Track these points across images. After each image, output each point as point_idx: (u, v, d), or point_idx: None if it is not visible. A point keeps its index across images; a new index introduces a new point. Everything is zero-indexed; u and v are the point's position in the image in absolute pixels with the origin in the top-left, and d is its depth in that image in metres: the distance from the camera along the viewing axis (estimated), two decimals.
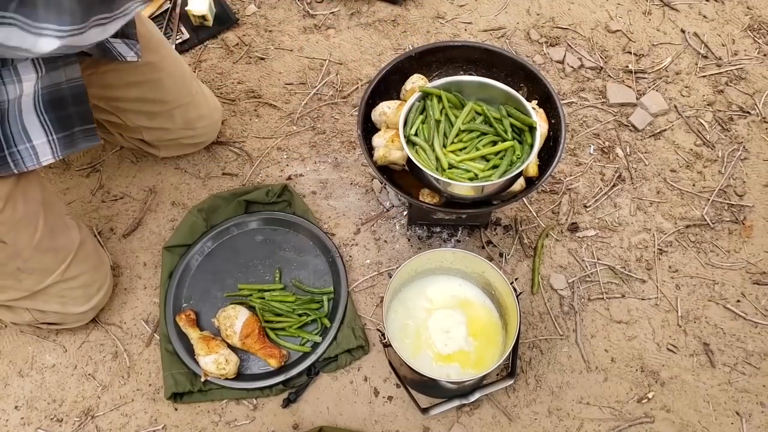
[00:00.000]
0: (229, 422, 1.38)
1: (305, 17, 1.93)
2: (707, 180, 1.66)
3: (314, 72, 1.83)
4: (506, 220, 1.60)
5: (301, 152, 1.71)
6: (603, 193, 1.64)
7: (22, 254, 1.22)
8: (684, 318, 1.48)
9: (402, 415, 1.38)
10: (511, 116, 1.28)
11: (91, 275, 1.38)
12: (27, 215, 1.20)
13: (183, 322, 1.43)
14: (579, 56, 1.84)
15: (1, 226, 1.16)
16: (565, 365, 1.43)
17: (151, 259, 1.57)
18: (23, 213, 1.19)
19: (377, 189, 1.65)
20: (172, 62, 1.44)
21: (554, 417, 1.38)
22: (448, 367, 1.29)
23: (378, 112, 1.37)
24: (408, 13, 1.92)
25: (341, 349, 1.41)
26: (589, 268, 1.54)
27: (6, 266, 1.22)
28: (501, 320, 1.34)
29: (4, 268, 1.22)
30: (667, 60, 1.83)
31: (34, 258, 1.24)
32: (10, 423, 1.39)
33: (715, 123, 1.74)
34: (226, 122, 1.75)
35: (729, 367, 1.43)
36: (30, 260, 1.23)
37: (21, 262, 1.22)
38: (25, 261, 1.22)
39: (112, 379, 1.43)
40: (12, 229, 1.18)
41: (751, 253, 1.56)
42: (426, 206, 1.33)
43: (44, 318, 1.36)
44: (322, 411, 1.39)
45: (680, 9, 1.93)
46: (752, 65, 1.82)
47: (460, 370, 1.29)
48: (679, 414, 1.38)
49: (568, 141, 1.71)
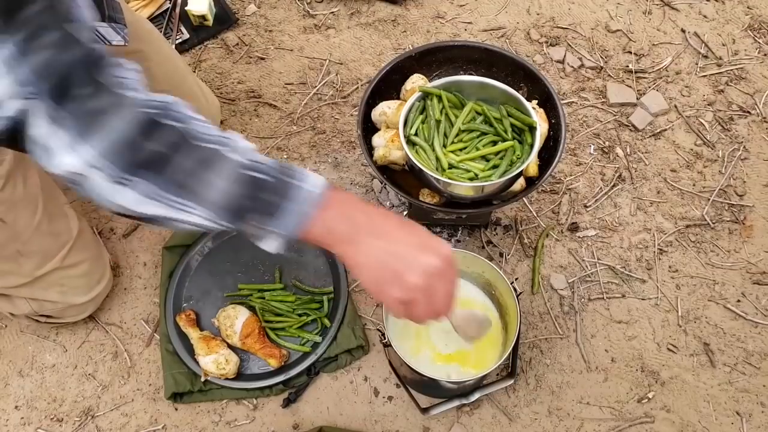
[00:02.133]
0: (229, 422, 1.38)
1: (305, 17, 1.93)
2: (707, 180, 1.65)
3: (314, 72, 1.83)
4: (506, 220, 1.60)
5: (301, 152, 1.71)
6: (603, 193, 1.64)
7: (22, 236, 1.22)
8: (684, 318, 1.48)
9: (402, 415, 1.38)
10: (511, 116, 1.28)
11: (91, 265, 1.38)
12: (27, 196, 1.21)
13: (183, 322, 1.43)
14: (579, 56, 1.84)
15: (1, 205, 1.16)
16: (565, 365, 1.43)
17: (151, 259, 1.57)
18: (23, 194, 1.19)
19: (377, 189, 1.65)
20: (164, 54, 1.42)
21: (554, 417, 1.38)
22: (448, 367, 1.29)
23: (378, 112, 1.37)
24: (408, 13, 1.92)
25: (341, 349, 1.41)
26: (590, 268, 1.54)
27: (5, 248, 1.22)
28: (501, 320, 1.34)
29: (3, 250, 1.22)
30: (667, 60, 1.83)
31: (33, 240, 1.24)
32: (10, 423, 1.39)
33: (716, 123, 1.74)
34: (226, 122, 1.75)
35: (729, 367, 1.43)
36: (29, 242, 1.23)
37: (20, 244, 1.22)
38: (24, 243, 1.23)
39: (112, 379, 1.43)
40: (11, 209, 1.18)
41: (752, 253, 1.56)
42: (426, 206, 1.33)
43: (42, 309, 1.36)
44: (322, 411, 1.39)
45: (680, 9, 1.93)
46: (752, 65, 1.82)
47: (460, 370, 1.29)
48: (680, 414, 1.38)
49: (568, 141, 1.71)
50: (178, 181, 0.75)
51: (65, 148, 0.71)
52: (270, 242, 0.83)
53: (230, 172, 0.78)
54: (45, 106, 0.70)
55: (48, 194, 1.26)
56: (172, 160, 0.75)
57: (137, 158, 0.73)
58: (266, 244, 0.83)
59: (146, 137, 0.74)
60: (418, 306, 0.85)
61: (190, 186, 0.76)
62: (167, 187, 0.75)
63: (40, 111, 0.70)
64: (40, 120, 0.70)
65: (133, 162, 0.73)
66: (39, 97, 0.69)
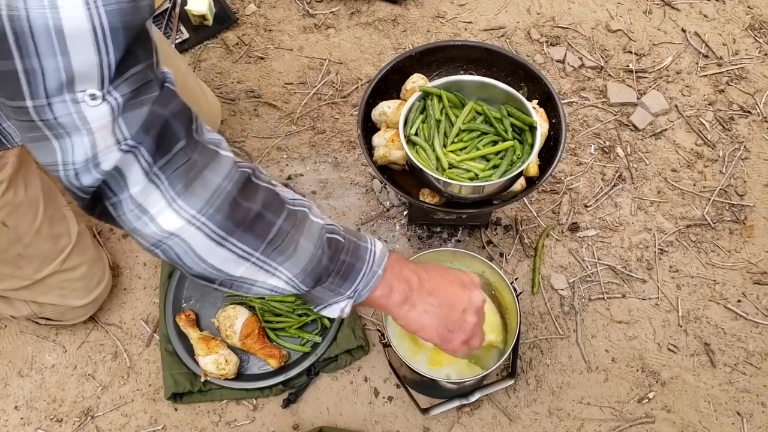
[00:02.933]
0: (229, 422, 1.38)
1: (305, 17, 1.93)
2: (708, 180, 1.65)
3: (314, 71, 1.83)
4: (506, 220, 1.60)
5: (301, 152, 1.70)
6: (603, 193, 1.63)
7: (23, 239, 1.22)
8: (685, 318, 1.48)
9: (402, 415, 1.38)
10: (511, 116, 1.27)
11: (90, 267, 1.38)
12: (29, 199, 1.21)
13: (183, 323, 1.42)
14: (579, 56, 1.83)
15: (3, 209, 1.17)
16: (566, 365, 1.43)
17: (151, 259, 1.57)
18: (24, 197, 1.20)
19: (377, 189, 1.65)
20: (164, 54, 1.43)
21: (555, 417, 1.37)
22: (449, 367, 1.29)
23: (378, 112, 1.37)
24: (408, 13, 1.92)
25: (341, 350, 1.41)
26: (590, 268, 1.54)
27: (7, 252, 1.22)
28: (501, 320, 1.34)
29: (4, 254, 1.22)
30: (667, 59, 1.83)
31: (34, 244, 1.24)
32: (9, 423, 1.39)
33: (716, 122, 1.73)
34: (226, 122, 1.75)
35: (730, 367, 1.43)
36: (30, 246, 1.23)
37: (21, 247, 1.22)
38: (25, 247, 1.23)
39: (112, 379, 1.43)
40: (13, 212, 1.19)
41: (752, 253, 1.56)
42: (426, 206, 1.33)
43: (43, 312, 1.36)
44: (322, 411, 1.39)
45: (681, 8, 1.92)
46: (753, 65, 1.82)
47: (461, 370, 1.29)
48: (680, 414, 1.38)
49: (569, 141, 1.71)
50: (272, 242, 0.76)
51: (164, 205, 0.70)
52: (335, 307, 0.86)
53: (317, 235, 0.81)
54: (143, 163, 0.68)
55: (48, 196, 1.27)
56: (269, 220, 0.76)
57: (237, 216, 0.73)
58: (330, 310, 0.87)
59: (245, 196, 0.74)
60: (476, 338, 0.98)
61: (283, 247, 0.77)
62: (261, 247, 0.76)
63: (137, 167, 0.68)
64: (136, 176, 0.68)
65: (232, 220, 0.73)
66: (138, 151, 0.67)
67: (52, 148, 0.66)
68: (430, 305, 0.91)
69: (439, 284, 0.93)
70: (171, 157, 0.70)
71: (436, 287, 0.93)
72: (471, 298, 0.95)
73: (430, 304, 0.91)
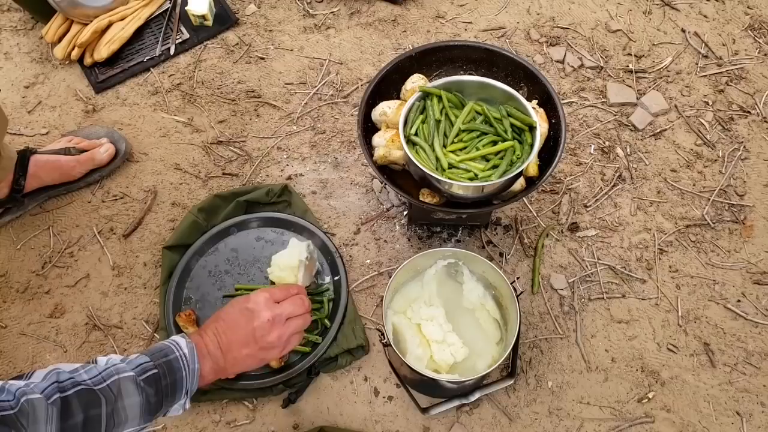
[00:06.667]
0: (229, 422, 1.38)
1: (305, 17, 1.93)
2: (708, 180, 1.65)
3: (314, 72, 1.83)
4: (506, 220, 1.60)
5: (301, 152, 1.71)
6: (603, 193, 1.64)
7: None
8: (684, 318, 1.48)
9: (402, 415, 1.38)
10: (511, 116, 1.28)
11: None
12: None
13: (183, 321, 1.42)
14: (579, 56, 1.84)
15: None
16: (566, 365, 1.43)
17: (151, 259, 1.57)
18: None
19: (377, 189, 1.65)
20: None
21: (554, 417, 1.38)
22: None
23: (378, 112, 1.37)
24: (408, 13, 1.92)
25: (341, 349, 1.41)
26: (590, 267, 1.54)
27: None
28: (501, 320, 1.34)
29: None
30: (667, 60, 1.83)
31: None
32: None
33: (716, 123, 1.74)
34: (226, 122, 1.75)
35: (729, 366, 1.43)
36: None
37: None
38: None
39: None
40: None
41: (752, 253, 1.56)
42: (426, 206, 1.33)
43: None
44: (322, 411, 1.39)
45: (681, 8, 1.93)
46: (753, 65, 1.82)
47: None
48: (680, 414, 1.38)
49: (568, 141, 1.71)
50: (108, 426, 0.89)
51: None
52: (176, 406, 1.01)
53: (134, 389, 0.92)
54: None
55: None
56: (93, 416, 0.87)
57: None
58: (172, 412, 1.01)
59: (67, 417, 0.85)
60: (289, 344, 1.14)
61: (117, 421, 0.90)
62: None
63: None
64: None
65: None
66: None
67: None
68: (238, 350, 1.07)
69: (234, 327, 1.08)
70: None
71: (233, 331, 1.08)
72: (260, 319, 1.08)
73: (238, 350, 1.07)
